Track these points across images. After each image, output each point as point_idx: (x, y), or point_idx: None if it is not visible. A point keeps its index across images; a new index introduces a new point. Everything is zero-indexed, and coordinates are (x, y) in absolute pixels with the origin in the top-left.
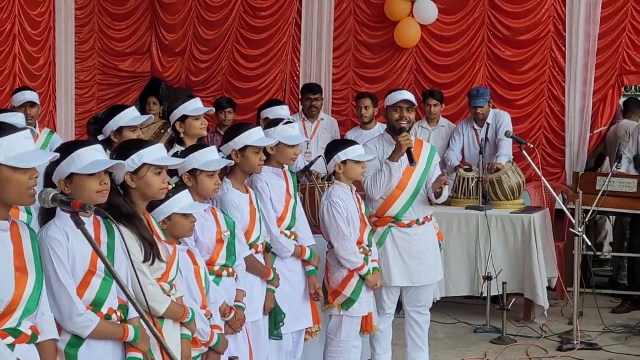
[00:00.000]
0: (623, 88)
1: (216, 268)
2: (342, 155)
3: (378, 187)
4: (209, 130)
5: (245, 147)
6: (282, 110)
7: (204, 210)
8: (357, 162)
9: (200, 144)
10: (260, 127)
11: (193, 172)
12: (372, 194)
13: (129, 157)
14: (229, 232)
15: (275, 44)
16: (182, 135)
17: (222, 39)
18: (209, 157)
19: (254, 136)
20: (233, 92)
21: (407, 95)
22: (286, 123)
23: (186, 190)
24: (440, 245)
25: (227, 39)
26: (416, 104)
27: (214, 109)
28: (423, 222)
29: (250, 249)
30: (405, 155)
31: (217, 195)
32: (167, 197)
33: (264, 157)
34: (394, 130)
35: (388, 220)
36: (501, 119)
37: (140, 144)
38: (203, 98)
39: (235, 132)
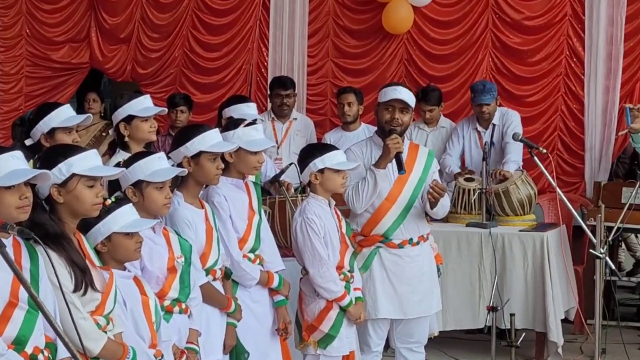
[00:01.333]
0: None
1: (166, 303)
2: (318, 162)
3: (361, 199)
4: (159, 133)
5: (200, 154)
6: (249, 109)
7: (154, 232)
8: (337, 171)
9: (148, 151)
10: (217, 129)
11: (138, 185)
12: (354, 208)
13: (56, 166)
14: (183, 259)
15: (240, 30)
16: (127, 139)
17: (175, 24)
18: (157, 166)
19: (210, 140)
20: (189, 87)
21: (404, 94)
22: (249, 124)
23: (129, 205)
24: (439, 269)
25: (181, 23)
26: (412, 105)
27: (166, 109)
28: (418, 242)
29: (207, 275)
30: (393, 161)
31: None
32: (107, 213)
33: (222, 166)
34: (384, 133)
35: (376, 240)
36: (510, 120)
37: (69, 150)
38: (153, 94)
39: (187, 136)
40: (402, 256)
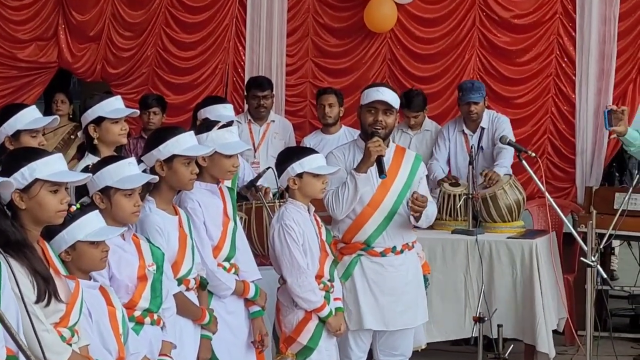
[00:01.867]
0: None
1: (137, 313)
2: (296, 166)
3: (341, 204)
4: (130, 135)
5: (173, 158)
6: (225, 110)
7: (123, 239)
8: (316, 175)
9: (117, 155)
10: (192, 131)
11: (106, 191)
12: (334, 213)
13: (18, 171)
14: (155, 267)
15: (215, 28)
16: (96, 142)
17: (148, 21)
18: (127, 172)
19: (184, 143)
20: (162, 87)
21: (387, 94)
22: (223, 126)
23: (95, 212)
24: (426, 279)
25: (154, 20)
26: (397, 106)
27: (137, 110)
28: (402, 251)
29: (179, 285)
30: (375, 165)
31: (139, 218)
32: (71, 220)
33: (197, 170)
34: (367, 136)
35: (357, 247)
36: (500, 125)
37: (32, 154)
38: (124, 95)
39: (160, 138)
40: (385, 265)
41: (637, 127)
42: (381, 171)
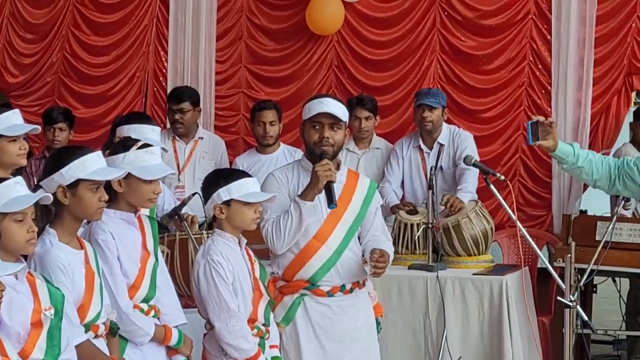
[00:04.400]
0: (634, 94)
1: None
2: (223, 193)
3: (282, 236)
4: (32, 156)
5: (78, 182)
6: (153, 134)
7: (16, 279)
8: (247, 203)
9: (2, 177)
10: (99, 152)
11: None
12: (273, 247)
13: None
14: (53, 311)
15: (132, 30)
16: None
17: (54, 21)
18: (13, 193)
19: (91, 165)
20: (70, 99)
21: (332, 106)
22: (143, 146)
23: None
24: (378, 323)
25: (61, 20)
26: (345, 119)
27: (39, 127)
28: (351, 290)
29: (86, 331)
30: (323, 192)
31: (37, 254)
32: None
33: (106, 197)
34: (314, 156)
35: (300, 286)
36: (462, 142)
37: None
38: (25, 108)
39: (62, 160)
40: (332, 306)
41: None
42: (330, 200)
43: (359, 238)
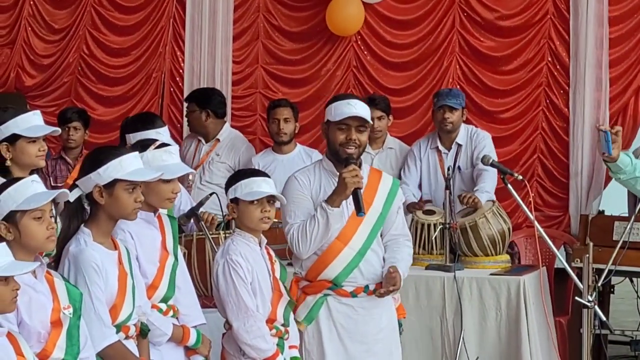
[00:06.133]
0: None
1: None
2: (230, 192)
3: (308, 242)
4: (49, 156)
5: (115, 182)
6: (159, 136)
7: (35, 278)
8: (252, 202)
9: (16, 178)
10: (136, 152)
11: (11, 218)
12: (298, 252)
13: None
14: (71, 309)
15: (150, 31)
16: (8, 163)
17: (71, 22)
18: (31, 191)
19: (128, 166)
20: (87, 99)
21: (359, 108)
22: (160, 146)
23: (2, 244)
24: (400, 325)
25: (79, 21)
26: (370, 120)
27: (59, 129)
28: (375, 291)
29: (118, 332)
30: (351, 198)
31: (72, 253)
32: None
33: (142, 198)
34: (338, 158)
35: (324, 286)
36: (480, 142)
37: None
38: (42, 109)
39: (100, 160)
40: (355, 307)
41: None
42: (359, 209)
43: (381, 236)
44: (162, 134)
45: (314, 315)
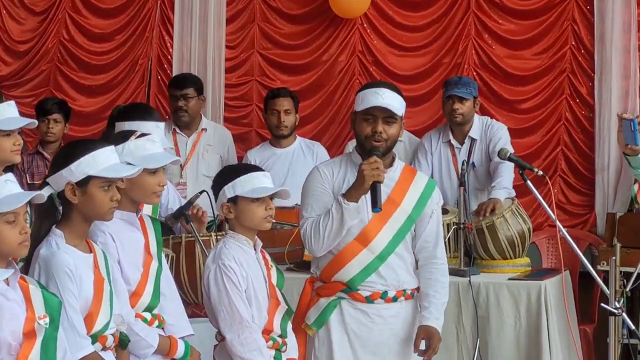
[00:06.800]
0: None
1: None
2: (228, 189)
3: (321, 238)
4: (25, 151)
5: (89, 179)
6: (156, 130)
7: (7, 285)
8: (255, 200)
9: None
10: (112, 146)
11: None
12: (311, 249)
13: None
14: (48, 320)
15: (136, 13)
16: None
17: (50, 4)
18: (4, 192)
19: (103, 161)
20: (67, 89)
21: (388, 98)
22: (141, 135)
23: None
24: None
25: (58, 3)
26: (401, 112)
27: (35, 120)
28: (395, 298)
29: (93, 343)
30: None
31: (42, 257)
32: None
33: (118, 196)
34: (365, 151)
35: (338, 288)
36: (495, 134)
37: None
38: (18, 99)
39: (72, 155)
40: (370, 314)
41: None
42: (375, 204)
43: (410, 242)
44: (161, 128)
45: (325, 318)
